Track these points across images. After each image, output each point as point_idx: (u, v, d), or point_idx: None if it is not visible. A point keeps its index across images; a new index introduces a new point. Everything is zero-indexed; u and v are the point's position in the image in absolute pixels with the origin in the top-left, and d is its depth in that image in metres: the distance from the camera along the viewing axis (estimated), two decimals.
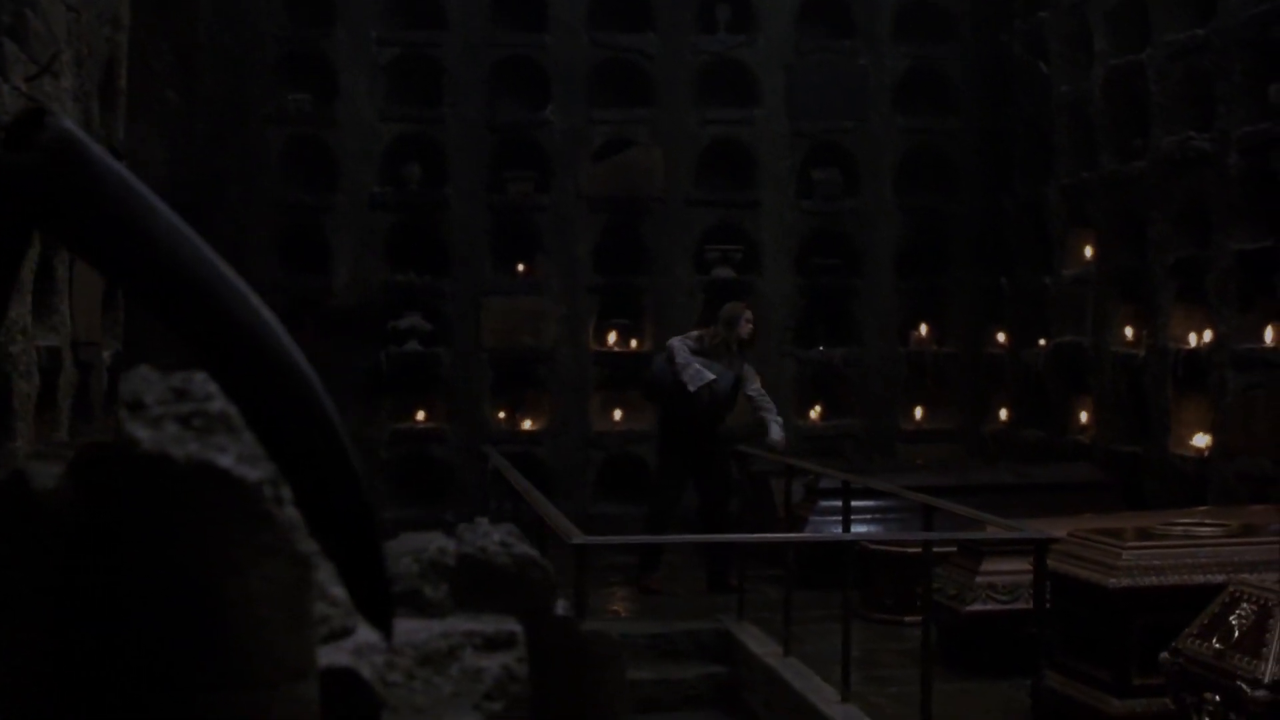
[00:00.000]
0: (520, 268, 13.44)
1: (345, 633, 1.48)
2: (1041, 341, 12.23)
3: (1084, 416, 11.64)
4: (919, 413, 13.49)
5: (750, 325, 10.57)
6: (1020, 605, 7.36)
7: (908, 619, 8.46)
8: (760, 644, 8.24)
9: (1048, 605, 5.98)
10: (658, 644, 8.80)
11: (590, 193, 13.31)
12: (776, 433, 10.43)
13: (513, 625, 1.60)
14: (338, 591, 1.48)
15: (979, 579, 7.48)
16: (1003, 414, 13.07)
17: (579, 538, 4.82)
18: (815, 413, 13.54)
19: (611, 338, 13.44)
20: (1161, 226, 10.44)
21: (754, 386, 10.59)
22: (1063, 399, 11.92)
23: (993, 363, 13.27)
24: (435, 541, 1.70)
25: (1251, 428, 9.38)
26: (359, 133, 13.09)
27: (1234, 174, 9.57)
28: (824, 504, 9.82)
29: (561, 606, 1.82)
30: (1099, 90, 11.26)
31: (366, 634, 1.49)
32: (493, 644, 1.56)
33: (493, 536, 1.71)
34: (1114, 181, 11.06)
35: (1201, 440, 10.00)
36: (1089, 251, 11.58)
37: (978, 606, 7.41)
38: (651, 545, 10.13)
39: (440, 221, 13.20)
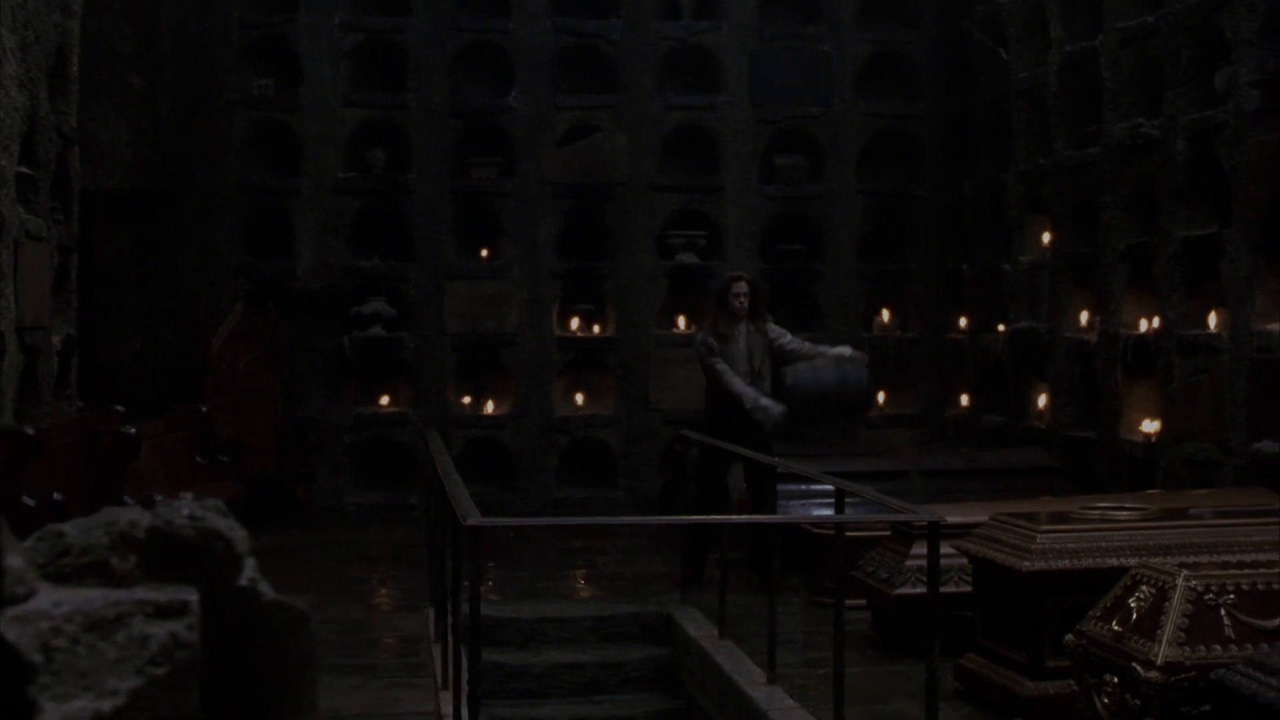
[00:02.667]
0: (484, 252, 13.50)
1: (16, 600, 1.53)
2: (1001, 327, 12.27)
3: (1041, 402, 11.69)
4: (882, 398, 13.53)
5: (744, 297, 9.89)
6: (950, 589, 7.40)
7: (849, 602, 8.49)
8: (698, 626, 8.29)
9: (940, 589, 6.02)
10: (601, 626, 8.85)
11: (554, 178, 13.36)
12: (836, 349, 10.09)
13: (188, 594, 1.65)
14: (14, 561, 1.53)
15: (909, 562, 7.52)
16: (964, 399, 13.11)
17: (473, 519, 4.87)
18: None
19: (574, 322, 13.50)
20: (1113, 213, 10.48)
21: (788, 342, 9.97)
22: (1021, 385, 11.97)
23: (954, 348, 13.31)
24: (127, 515, 1.74)
25: (1196, 413, 9.43)
26: (323, 118, 13.13)
27: (1181, 160, 9.61)
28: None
29: (246, 577, 1.85)
30: (1055, 76, 11.30)
31: (42, 601, 1.54)
32: (164, 612, 1.60)
33: (182, 510, 1.76)
34: (1069, 168, 11.10)
35: (1150, 425, 10.05)
36: (1046, 237, 11.62)
37: (907, 589, 7.45)
38: (692, 538, 9.36)
39: (404, 206, 13.25)
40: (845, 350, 10.04)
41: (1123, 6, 10.32)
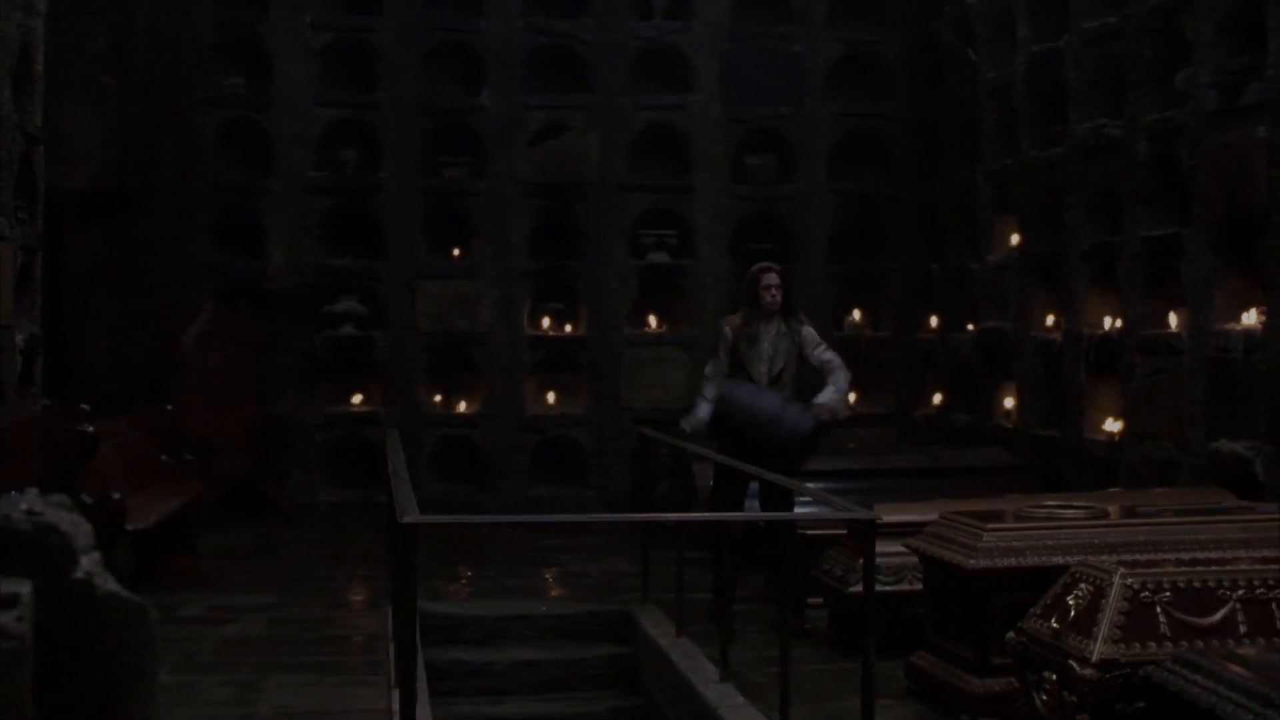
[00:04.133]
0: (455, 252, 13.52)
1: None
2: (970, 327, 12.31)
3: (1009, 401, 11.72)
4: (853, 397, 13.53)
5: (776, 290, 8.80)
6: (904, 587, 7.46)
7: (810, 600, 8.54)
8: (657, 625, 8.32)
9: (893, 587, 6.10)
10: (563, 625, 8.88)
11: (525, 177, 13.39)
12: (827, 395, 8.70)
13: (20, 587, 1.68)
14: None
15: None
16: (935, 399, 13.15)
17: (410, 517, 4.89)
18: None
19: (546, 322, 13.52)
20: (1077, 213, 10.52)
21: (814, 355, 8.82)
22: (989, 384, 12.01)
23: (925, 347, 13.35)
24: None
25: (1156, 412, 9.47)
26: (294, 117, 13.15)
27: (1142, 161, 9.65)
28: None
29: (83, 570, 1.88)
30: (1022, 77, 11.35)
31: None
32: None
33: (20, 505, 1.78)
34: (1035, 168, 11.14)
35: (1113, 424, 10.10)
36: (1014, 238, 11.65)
37: (857, 589, 7.46)
38: (722, 566, 8.06)
39: (375, 206, 13.27)
40: (824, 396, 8.69)
41: (1087, 8, 10.35)
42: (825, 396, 8.70)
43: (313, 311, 13.09)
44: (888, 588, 7.52)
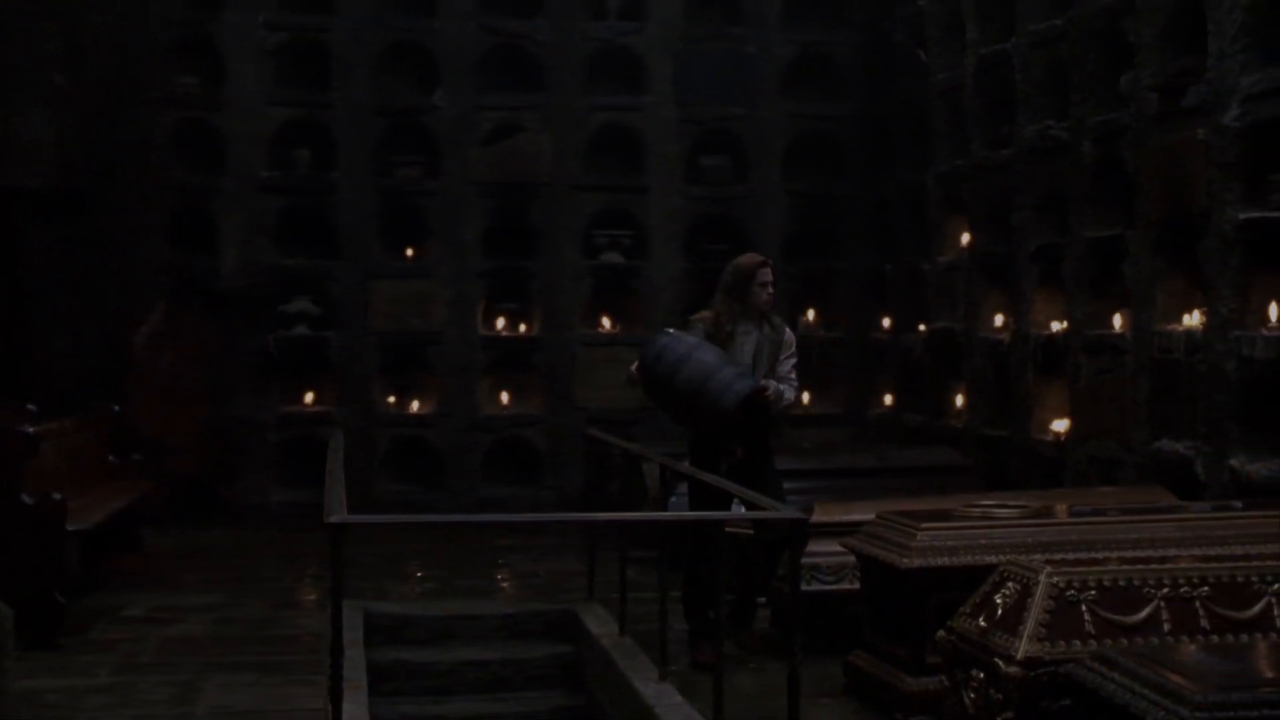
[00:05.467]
0: (409, 252, 13.52)
1: None
2: (922, 327, 12.36)
3: (959, 401, 11.78)
4: (806, 397, 13.59)
5: (772, 288, 7.94)
6: (845, 586, 7.50)
7: (756, 600, 8.57)
8: (601, 624, 8.34)
9: (834, 587, 6.15)
10: (507, 625, 8.89)
11: (479, 177, 13.40)
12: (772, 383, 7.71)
13: None
14: None
15: (805, 560, 7.54)
16: (887, 399, 13.20)
17: (336, 516, 4.90)
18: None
19: (500, 322, 13.53)
20: (1025, 214, 10.58)
21: (785, 362, 7.92)
22: (939, 384, 12.06)
23: (878, 348, 13.41)
24: None
25: (1101, 412, 9.53)
26: (247, 116, 13.13)
27: (1087, 162, 9.71)
28: (685, 485, 9.90)
29: None
30: (971, 79, 11.39)
31: None
32: None
33: None
34: (984, 169, 11.20)
35: (1060, 424, 10.15)
36: (964, 238, 11.70)
37: (802, 587, 7.50)
38: (700, 608, 7.64)
39: (329, 205, 13.26)
40: (778, 386, 7.76)
41: (1034, 10, 10.40)
42: (787, 390, 7.82)
43: (266, 311, 13.07)
44: (828, 587, 7.58)
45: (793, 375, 7.93)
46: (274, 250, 13.18)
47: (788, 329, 8.10)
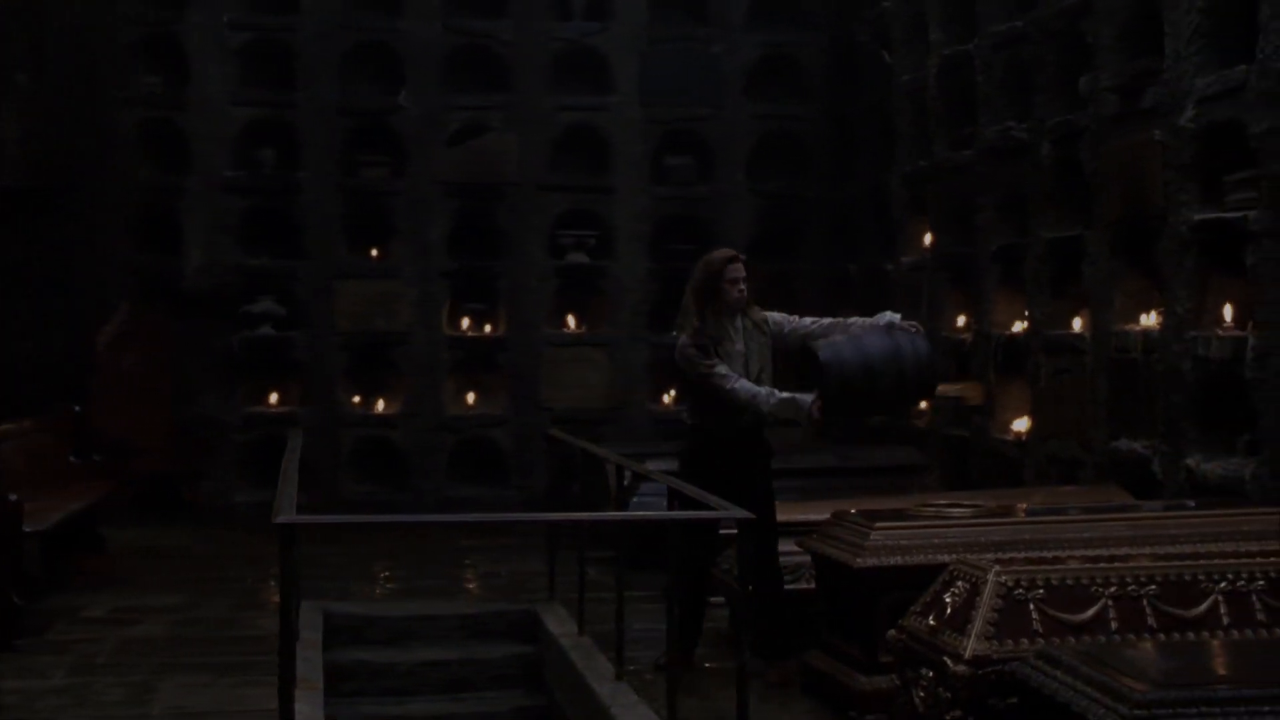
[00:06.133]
0: (374, 252, 13.51)
1: None
2: None
3: (921, 401, 11.80)
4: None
5: (744, 283, 7.48)
6: (803, 585, 7.51)
7: (713, 599, 8.58)
8: (560, 624, 8.36)
9: (791, 586, 6.18)
10: (469, 624, 8.90)
11: (445, 177, 13.40)
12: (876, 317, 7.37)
13: None
14: None
15: None
16: None
17: (283, 516, 4.91)
18: (669, 397, 13.65)
19: (465, 322, 13.53)
20: (987, 214, 10.63)
21: (798, 325, 7.63)
22: None
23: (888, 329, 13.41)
24: None
25: (1061, 412, 9.57)
26: (211, 116, 13.11)
27: (1047, 163, 9.76)
28: (648, 485, 9.91)
29: None
30: (934, 80, 11.44)
31: None
32: None
33: None
34: (947, 170, 11.24)
35: (1021, 424, 10.20)
36: (927, 238, 11.74)
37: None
38: (682, 612, 6.98)
39: (294, 205, 13.26)
40: (890, 316, 7.36)
41: (995, 11, 10.45)
42: (888, 314, 7.36)
43: (231, 311, 13.06)
44: (786, 586, 7.58)
45: (812, 320, 7.62)
46: (239, 250, 13.17)
47: (770, 315, 7.62)
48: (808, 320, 7.63)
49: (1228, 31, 7.96)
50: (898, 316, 7.33)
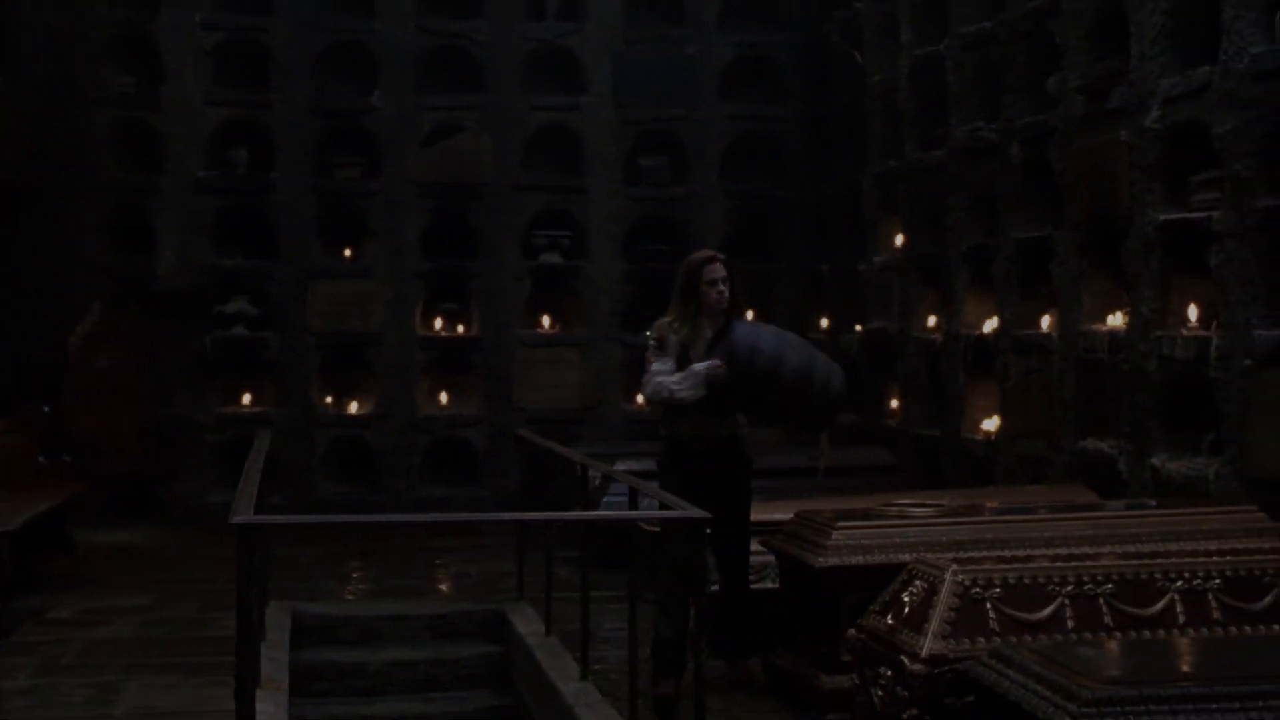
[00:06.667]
0: (348, 252, 13.50)
1: None
2: (858, 327, 12.42)
3: (894, 401, 11.84)
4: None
5: (724, 285, 7.10)
6: (767, 585, 7.51)
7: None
8: (528, 624, 8.38)
9: (708, 585, 6.19)
10: (438, 624, 8.92)
11: (418, 178, 13.40)
12: None
13: None
14: None
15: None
16: None
17: (240, 517, 4.91)
18: (642, 398, 13.63)
19: (439, 322, 13.53)
20: (958, 215, 10.65)
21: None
22: (875, 384, 12.13)
23: (817, 348, 13.42)
24: None
25: (1030, 411, 9.60)
26: (184, 116, 13.10)
27: (1016, 164, 9.79)
28: (618, 485, 9.92)
29: None
30: (905, 80, 11.46)
31: None
32: None
33: None
34: (918, 170, 11.27)
35: (990, 423, 10.22)
36: (899, 239, 11.76)
37: (719, 586, 7.52)
38: (669, 639, 6.82)
39: (267, 205, 13.25)
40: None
41: (965, 12, 10.48)
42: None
43: (204, 312, 13.04)
44: (752, 586, 7.59)
45: None
46: (212, 250, 13.16)
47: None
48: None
49: (1192, 33, 8.00)
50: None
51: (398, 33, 13.37)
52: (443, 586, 10.31)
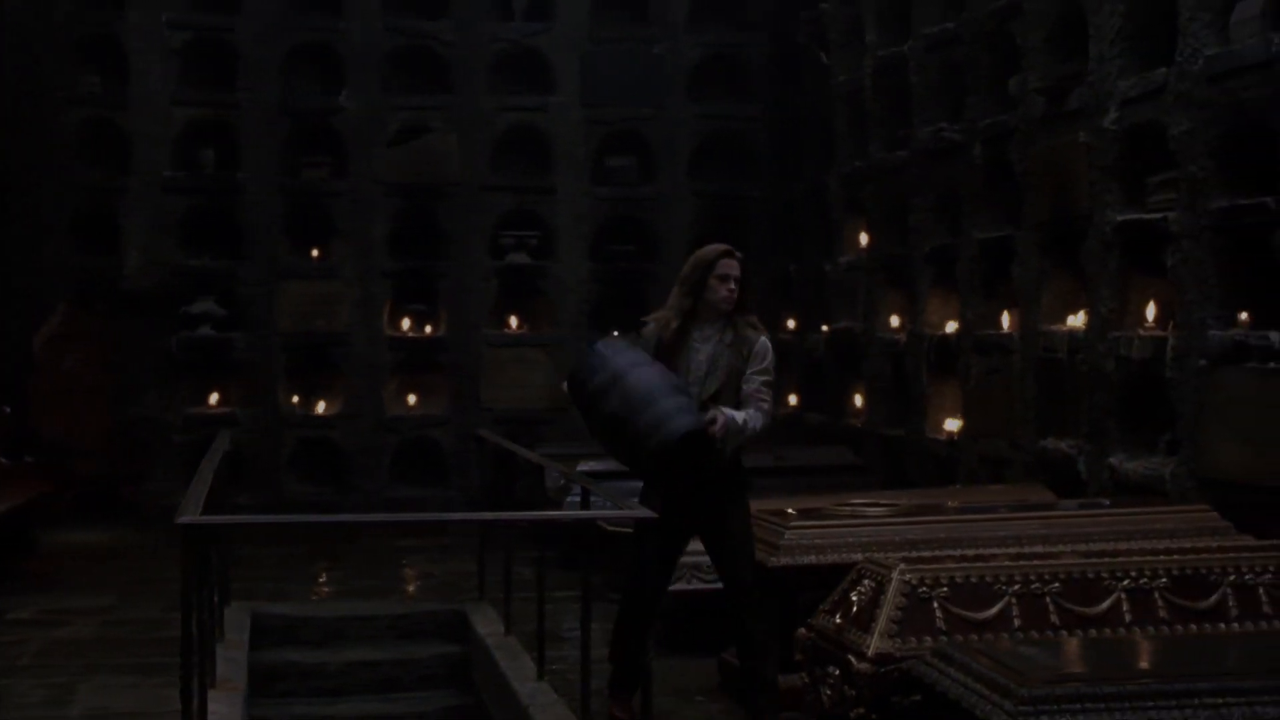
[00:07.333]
0: (315, 252, 13.49)
1: None
2: (824, 327, 12.45)
3: (858, 401, 11.87)
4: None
5: (734, 284, 6.30)
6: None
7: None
8: (488, 624, 8.39)
9: (696, 585, 6.22)
10: (400, 624, 8.95)
11: (386, 178, 13.40)
12: (731, 412, 6.17)
13: None
14: None
15: (685, 559, 7.58)
16: (792, 399, 13.27)
17: (185, 517, 4.91)
18: None
19: (406, 322, 13.53)
20: (921, 215, 10.69)
21: (750, 376, 6.32)
22: (840, 384, 12.16)
23: (783, 348, 13.41)
24: None
25: (991, 411, 9.64)
26: (151, 116, 13.08)
27: (978, 164, 9.83)
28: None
29: None
30: (870, 81, 11.48)
31: None
32: None
33: None
34: (883, 170, 11.30)
35: (953, 423, 10.26)
36: (864, 239, 11.79)
37: (682, 586, 7.55)
38: (626, 655, 6.36)
39: (235, 206, 13.24)
40: (730, 413, 6.16)
41: (929, 13, 10.51)
42: (728, 412, 6.16)
43: (171, 312, 13.02)
44: (706, 585, 7.61)
45: (763, 395, 6.34)
46: (179, 250, 13.15)
47: (763, 337, 6.39)
48: (752, 386, 6.31)
49: (1149, 35, 8.04)
50: (722, 421, 6.08)
51: (365, 32, 13.36)
52: (412, 588, 10.30)
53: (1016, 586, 5.32)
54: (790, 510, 6.80)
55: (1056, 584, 5.35)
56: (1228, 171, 7.33)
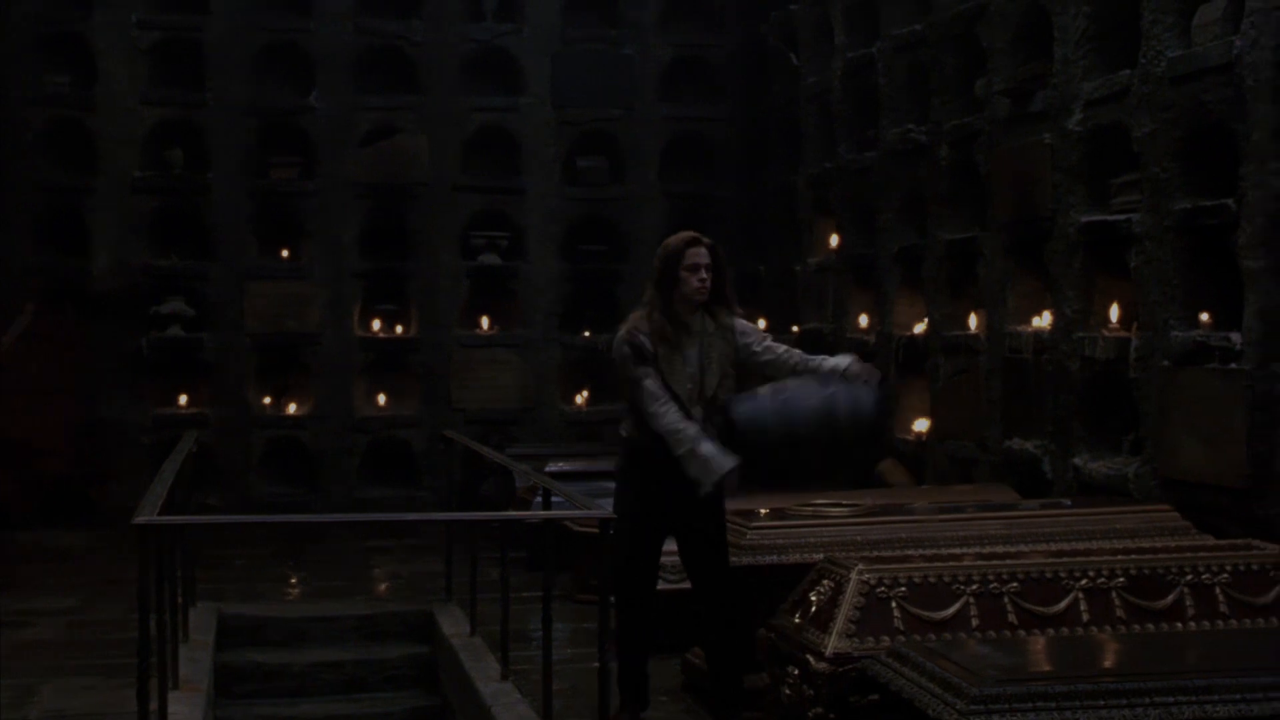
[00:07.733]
0: (285, 253, 13.45)
1: None
2: (794, 328, 12.45)
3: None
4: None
5: (706, 273, 6.19)
6: (687, 585, 7.50)
7: (611, 599, 8.59)
8: (454, 625, 8.38)
9: (661, 585, 6.20)
10: (365, 625, 8.92)
11: (356, 178, 13.38)
12: (842, 358, 6.38)
13: None
14: None
15: None
16: None
17: (142, 518, 4.90)
18: (581, 398, 13.69)
19: (376, 323, 13.51)
20: (889, 216, 10.71)
21: (762, 349, 6.38)
22: None
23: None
24: None
25: (958, 411, 9.66)
26: (119, 116, 13.01)
27: (945, 166, 9.85)
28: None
29: None
30: (838, 82, 11.50)
31: None
32: None
33: None
34: (851, 171, 11.32)
35: (921, 424, 10.28)
36: (833, 240, 11.80)
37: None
38: (635, 666, 6.36)
39: (203, 206, 13.20)
40: (842, 361, 6.34)
41: (896, 14, 10.54)
42: (842, 359, 6.32)
43: (139, 312, 12.97)
44: (671, 585, 7.60)
45: (795, 351, 6.43)
46: (147, 251, 13.09)
47: (739, 319, 6.37)
48: (779, 348, 6.41)
49: (1113, 37, 8.08)
50: (853, 363, 6.25)
51: (335, 33, 13.33)
52: (373, 587, 10.28)
53: (975, 586, 5.34)
54: (754, 510, 6.79)
55: (1015, 584, 5.37)
56: (1190, 173, 7.36)
